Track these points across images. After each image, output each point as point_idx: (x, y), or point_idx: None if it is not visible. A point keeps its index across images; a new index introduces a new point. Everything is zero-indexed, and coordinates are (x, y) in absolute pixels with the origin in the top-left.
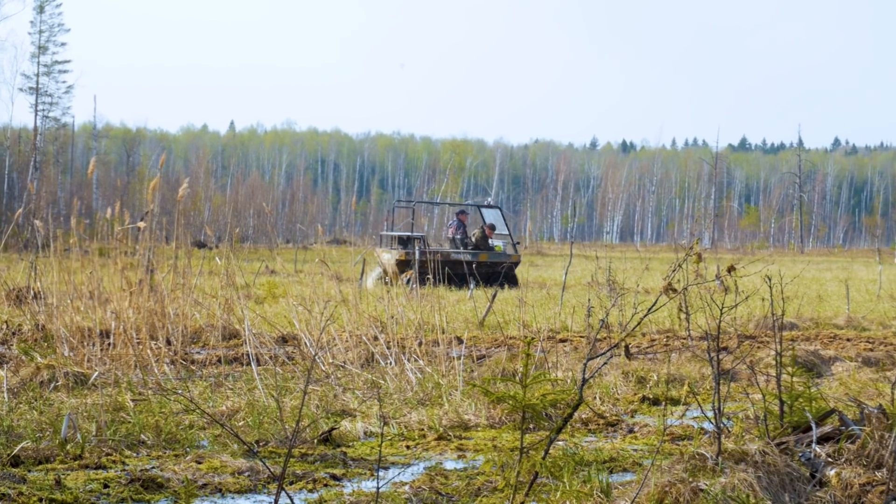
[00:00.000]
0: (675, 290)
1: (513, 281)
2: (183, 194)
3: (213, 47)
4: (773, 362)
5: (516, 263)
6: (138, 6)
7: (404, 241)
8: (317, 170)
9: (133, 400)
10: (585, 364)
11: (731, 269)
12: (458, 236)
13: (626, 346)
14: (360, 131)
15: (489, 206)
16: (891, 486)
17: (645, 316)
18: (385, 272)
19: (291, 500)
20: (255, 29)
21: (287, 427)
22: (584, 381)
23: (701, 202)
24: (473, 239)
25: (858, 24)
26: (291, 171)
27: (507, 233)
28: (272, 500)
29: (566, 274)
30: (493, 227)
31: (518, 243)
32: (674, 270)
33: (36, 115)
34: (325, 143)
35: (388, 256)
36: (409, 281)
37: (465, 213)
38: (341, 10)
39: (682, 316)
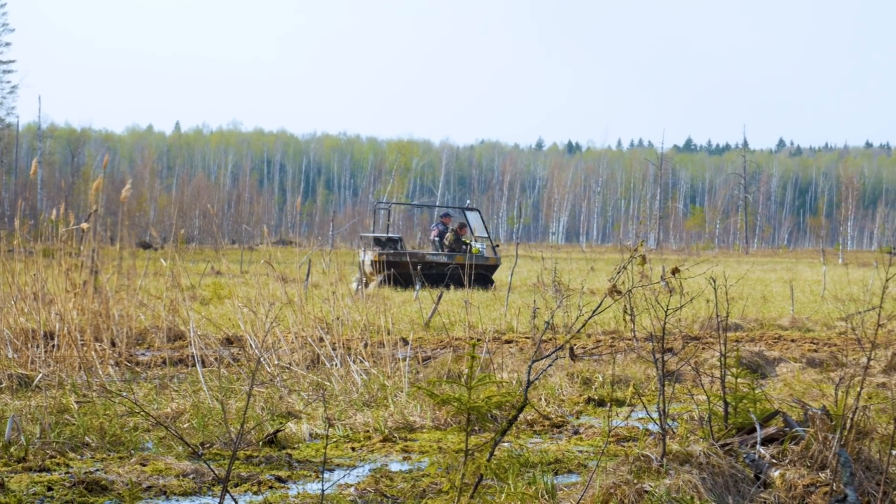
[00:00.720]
0: (619, 292)
1: (482, 282)
2: (126, 195)
3: (158, 47)
4: (718, 363)
5: (494, 266)
6: (83, 7)
7: (381, 243)
8: (263, 170)
9: (77, 402)
10: (530, 366)
11: (675, 270)
12: (438, 238)
13: (571, 348)
14: (306, 132)
15: (469, 209)
16: (834, 488)
17: (590, 318)
18: (363, 274)
19: (236, 502)
20: (200, 29)
21: (232, 429)
22: (529, 382)
23: (646, 203)
24: (446, 241)
25: (803, 26)
26: (237, 171)
27: (486, 235)
28: (217, 503)
29: (511, 275)
30: (463, 227)
31: (497, 246)
32: (618, 272)
33: None
34: (271, 144)
35: (365, 258)
36: (381, 281)
37: (449, 215)
38: (283, 10)
39: (628, 317)
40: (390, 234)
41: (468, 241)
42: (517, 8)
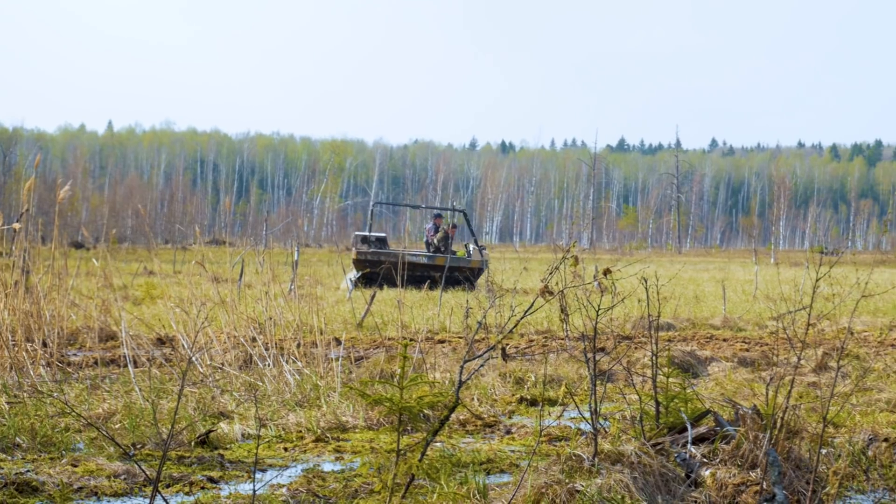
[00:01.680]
0: (551, 293)
1: (456, 283)
2: (64, 195)
3: (91, 46)
4: (650, 363)
5: (477, 269)
6: (12, 5)
7: (369, 242)
8: (196, 170)
9: (8, 403)
10: (462, 366)
11: (606, 271)
12: (430, 239)
13: (503, 348)
14: (239, 131)
15: (455, 210)
16: (764, 486)
17: (522, 317)
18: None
19: (167, 502)
20: (132, 28)
21: (163, 430)
22: (461, 382)
23: (580, 203)
24: (436, 241)
25: (735, 28)
26: (170, 171)
27: (473, 237)
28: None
29: (444, 274)
30: (455, 227)
31: (483, 248)
32: (551, 273)
33: None
34: (205, 144)
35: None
36: (358, 280)
37: (441, 216)
38: (216, 9)
39: (561, 317)
40: (376, 234)
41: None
42: (450, 8)
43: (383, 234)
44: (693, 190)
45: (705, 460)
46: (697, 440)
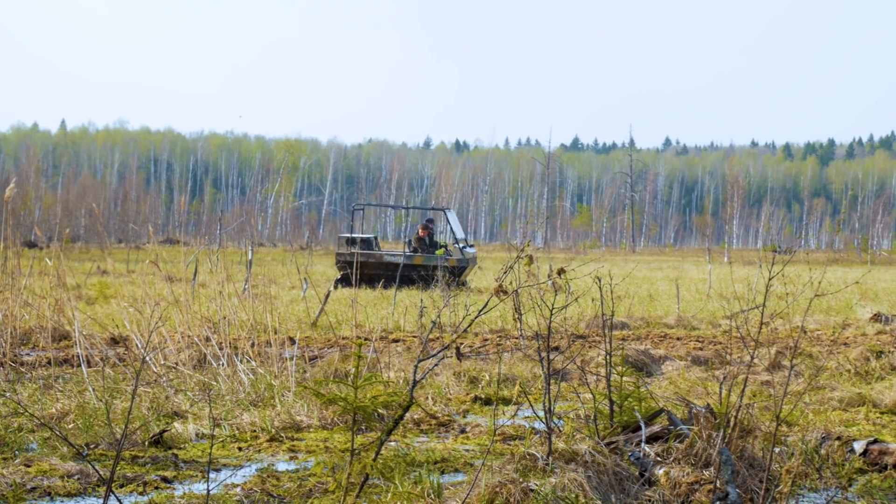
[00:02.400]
0: (506, 292)
1: (419, 280)
2: (10, 195)
3: (43, 46)
4: (604, 362)
5: (456, 268)
6: None
7: (353, 243)
8: (150, 169)
9: None
10: (416, 365)
11: (560, 271)
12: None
13: (458, 347)
14: (193, 130)
15: (437, 209)
16: (718, 485)
17: (476, 317)
18: None
19: (120, 503)
20: (85, 27)
21: (117, 429)
22: (415, 382)
23: (534, 202)
24: (413, 241)
25: (689, 28)
26: (124, 170)
27: (462, 235)
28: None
29: (399, 273)
30: (425, 227)
31: (465, 247)
32: (505, 272)
33: None
34: (158, 143)
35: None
36: (337, 281)
37: (433, 220)
38: (169, 7)
39: (515, 316)
40: (363, 235)
41: (443, 243)
42: (405, 8)
43: (372, 236)
44: (647, 189)
45: (659, 459)
46: (651, 439)
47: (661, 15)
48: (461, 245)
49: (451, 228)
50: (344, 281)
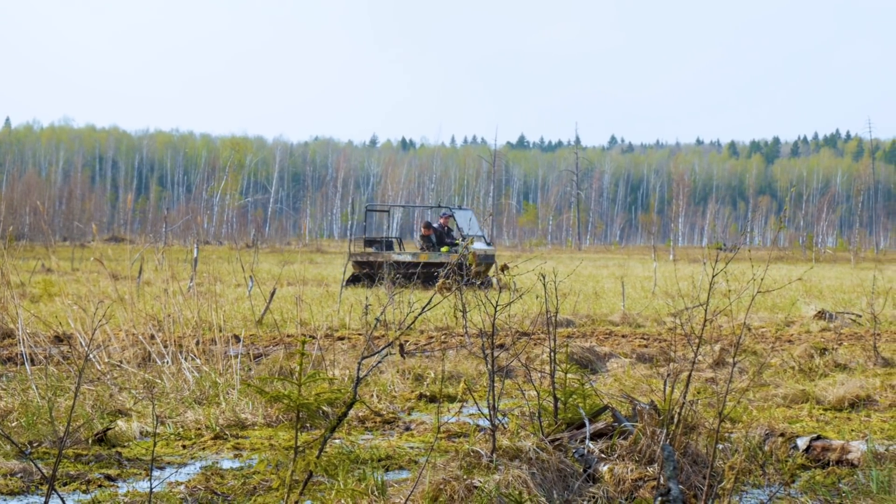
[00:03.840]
0: (449, 289)
1: (432, 279)
2: None
3: None
4: (549, 359)
5: (460, 265)
6: None
7: (373, 243)
8: (95, 167)
9: None
10: (360, 362)
11: (503, 268)
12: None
13: (401, 345)
14: (138, 128)
15: (439, 207)
16: (661, 481)
17: (420, 314)
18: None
19: (63, 501)
20: (30, 24)
21: (60, 428)
22: (359, 379)
23: (480, 199)
24: (421, 240)
25: (633, 28)
26: (69, 168)
27: (478, 234)
28: (44, 502)
29: (345, 271)
30: (427, 226)
31: (468, 244)
32: (448, 269)
33: None
34: (104, 141)
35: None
36: (348, 280)
37: (446, 215)
38: (114, 4)
39: (459, 314)
40: (385, 236)
41: (456, 241)
42: (352, 6)
43: (394, 237)
44: (593, 187)
45: (603, 456)
46: (595, 436)
47: (608, 15)
48: (469, 243)
49: (458, 226)
50: (354, 281)
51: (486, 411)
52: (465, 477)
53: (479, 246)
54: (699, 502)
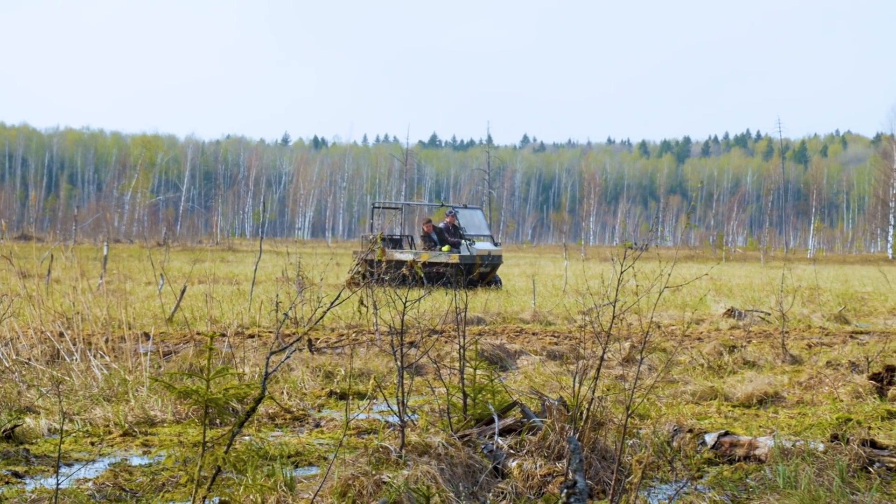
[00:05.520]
0: (357, 284)
1: (434, 279)
2: None
3: None
4: (459, 356)
5: (461, 265)
6: None
7: (385, 242)
8: (3, 164)
9: None
10: (268, 357)
11: (412, 264)
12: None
13: (310, 341)
14: (48, 126)
15: (468, 208)
16: (569, 477)
17: (327, 310)
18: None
19: None
20: None
21: None
22: (267, 375)
23: (392, 198)
24: (420, 239)
25: (546, 27)
26: None
27: (485, 233)
28: None
29: (256, 269)
30: (428, 223)
31: (473, 244)
32: (357, 264)
33: None
34: (13, 138)
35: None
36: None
37: (453, 213)
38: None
39: (364, 310)
40: (395, 234)
41: (464, 239)
42: (258, 7)
43: (404, 235)
44: (504, 186)
45: (512, 451)
46: (505, 431)
47: (522, 14)
48: (469, 242)
49: (461, 226)
50: (359, 280)
51: (395, 408)
52: (373, 472)
53: (485, 246)
54: (607, 497)
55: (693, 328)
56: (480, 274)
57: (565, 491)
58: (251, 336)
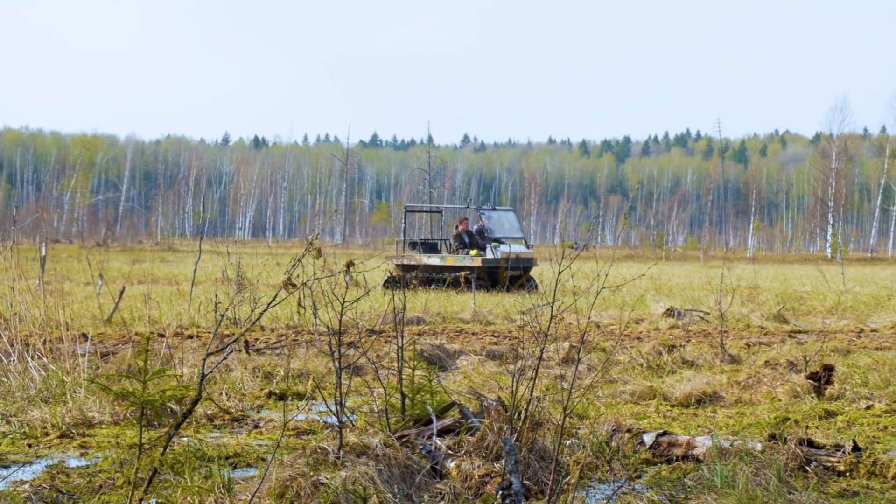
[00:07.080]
0: (294, 285)
1: (457, 283)
2: None
3: None
4: (397, 356)
5: (485, 269)
6: None
7: (415, 246)
8: None
9: None
10: (205, 358)
11: (349, 264)
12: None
13: (247, 342)
14: None
15: (497, 209)
16: (505, 478)
17: (264, 310)
18: None
19: None
20: None
21: None
22: (204, 375)
23: (332, 198)
24: (453, 242)
25: (487, 26)
26: None
27: (516, 236)
28: None
29: (196, 270)
30: (463, 221)
31: (496, 247)
32: (293, 265)
33: None
34: None
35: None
36: (385, 282)
37: (483, 215)
38: None
39: (303, 311)
40: (426, 238)
41: (492, 243)
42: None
43: (439, 239)
44: (445, 185)
45: (451, 452)
46: (443, 432)
47: (462, 14)
48: (494, 245)
49: (489, 228)
50: (391, 282)
51: (334, 408)
52: (311, 473)
53: (516, 249)
54: (545, 498)
55: (632, 328)
56: (510, 277)
57: (500, 492)
58: (190, 337)
